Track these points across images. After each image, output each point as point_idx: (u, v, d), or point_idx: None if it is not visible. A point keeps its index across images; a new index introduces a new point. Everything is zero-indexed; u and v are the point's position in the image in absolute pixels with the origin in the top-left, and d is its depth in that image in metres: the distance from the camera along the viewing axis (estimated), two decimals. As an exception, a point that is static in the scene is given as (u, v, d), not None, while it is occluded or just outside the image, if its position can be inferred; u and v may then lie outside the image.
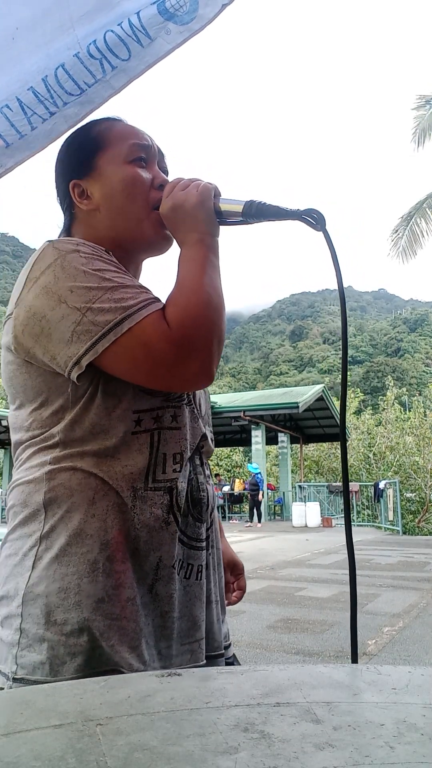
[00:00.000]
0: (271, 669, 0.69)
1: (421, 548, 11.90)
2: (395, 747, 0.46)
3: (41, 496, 0.86)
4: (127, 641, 0.82)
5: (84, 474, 0.85)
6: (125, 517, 0.85)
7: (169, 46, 1.17)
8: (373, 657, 3.94)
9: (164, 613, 0.87)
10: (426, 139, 14.89)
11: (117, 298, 0.82)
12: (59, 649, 0.80)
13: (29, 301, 0.85)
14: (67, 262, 0.84)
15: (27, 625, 0.82)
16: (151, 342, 0.81)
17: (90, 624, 0.80)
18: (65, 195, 1.00)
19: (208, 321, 0.83)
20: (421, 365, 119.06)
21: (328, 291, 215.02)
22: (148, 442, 0.87)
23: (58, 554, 0.83)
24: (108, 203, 0.96)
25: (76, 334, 0.81)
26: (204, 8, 1.17)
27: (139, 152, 0.97)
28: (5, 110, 1.12)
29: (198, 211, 0.89)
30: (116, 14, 1.15)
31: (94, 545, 0.83)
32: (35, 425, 0.89)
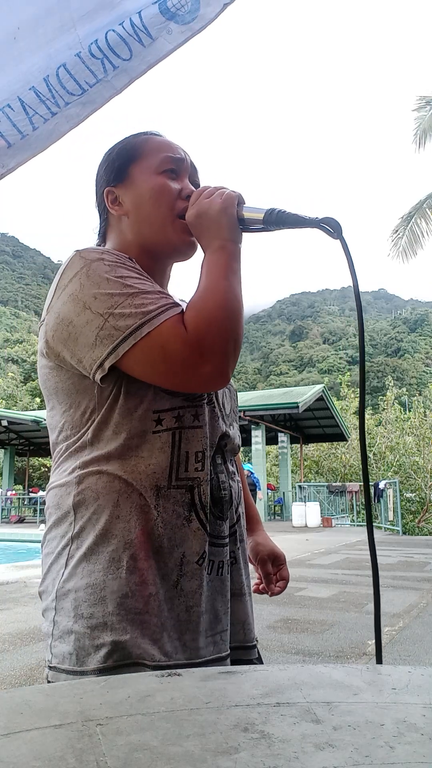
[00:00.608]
0: (271, 669, 0.69)
1: (421, 548, 11.89)
2: (395, 747, 0.46)
3: (71, 499, 0.92)
4: (149, 634, 0.87)
5: (109, 477, 0.90)
6: (148, 516, 0.89)
7: (170, 46, 1.17)
8: (373, 657, 3.94)
9: (189, 607, 0.91)
10: (426, 140, 14.88)
11: (137, 304, 0.86)
12: (85, 641, 0.86)
13: (58, 308, 0.90)
14: (92, 270, 0.89)
15: (59, 617, 0.89)
16: (168, 344, 0.85)
17: (114, 618, 0.86)
18: (101, 201, 1.06)
19: (224, 324, 0.86)
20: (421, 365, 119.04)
21: (328, 291, 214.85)
22: (169, 441, 0.91)
23: (86, 553, 0.89)
24: (136, 210, 1.01)
25: (99, 338, 0.86)
26: (205, 8, 1.17)
27: (170, 164, 1.02)
28: (7, 110, 1.12)
29: (221, 218, 0.93)
30: (118, 14, 1.15)
31: (119, 544, 0.88)
32: (67, 426, 0.95)
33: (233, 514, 1.00)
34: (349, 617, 5.11)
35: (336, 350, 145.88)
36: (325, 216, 0.90)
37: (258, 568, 1.19)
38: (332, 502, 20.58)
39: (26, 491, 27.98)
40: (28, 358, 62.34)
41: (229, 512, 0.98)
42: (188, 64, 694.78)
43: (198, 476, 0.93)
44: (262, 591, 1.19)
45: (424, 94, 14.96)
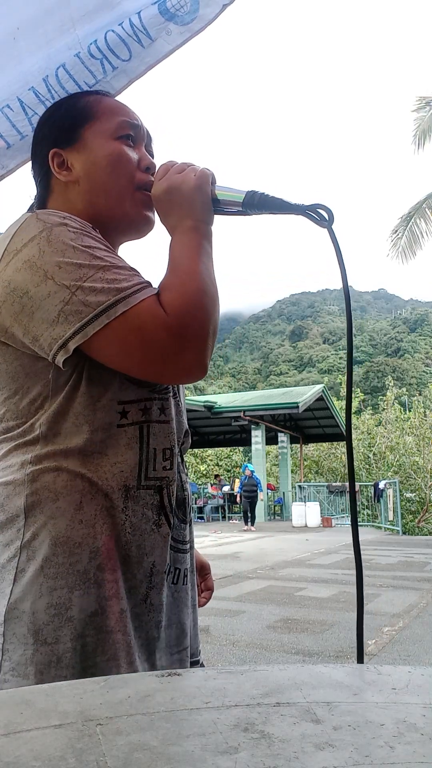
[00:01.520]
0: (271, 669, 0.69)
1: (421, 548, 11.90)
2: (395, 747, 0.46)
3: (21, 500, 0.78)
4: (124, 655, 0.77)
5: (70, 475, 0.78)
6: (115, 521, 0.79)
7: (169, 47, 1.17)
8: (373, 657, 3.94)
9: (158, 623, 0.82)
10: (426, 141, 14.89)
11: (110, 279, 0.75)
12: (50, 671, 0.73)
13: (8, 275, 0.76)
14: (54, 235, 0.77)
15: (11, 646, 0.74)
16: (147, 328, 0.75)
17: (84, 641, 0.75)
18: (43, 164, 0.94)
19: (205, 310, 0.78)
20: (421, 365, 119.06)
21: (328, 291, 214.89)
22: (137, 436, 0.81)
23: (42, 565, 0.76)
24: (90, 177, 0.90)
25: (63, 314, 0.74)
26: (205, 8, 1.17)
27: (127, 130, 0.92)
28: (6, 110, 1.12)
29: (195, 196, 0.84)
30: (117, 14, 1.15)
31: (83, 554, 0.76)
32: (9, 416, 0.81)
33: (190, 516, 0.92)
34: (349, 617, 5.11)
35: (336, 350, 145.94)
36: (314, 203, 0.84)
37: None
38: (332, 502, 20.58)
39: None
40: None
41: (188, 515, 0.91)
42: (187, 64, 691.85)
43: (167, 475, 0.84)
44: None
45: (423, 94, 14.97)
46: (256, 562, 8.81)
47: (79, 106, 0.94)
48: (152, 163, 0.94)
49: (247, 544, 11.85)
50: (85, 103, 0.95)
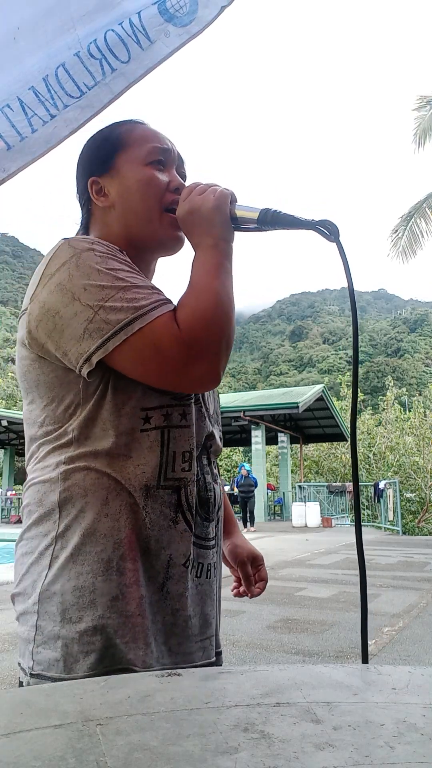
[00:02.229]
0: (271, 669, 0.69)
1: (421, 548, 11.89)
2: (395, 747, 0.46)
3: (56, 496, 0.87)
4: (141, 638, 0.84)
5: (97, 474, 0.86)
6: (136, 516, 0.86)
7: (167, 50, 1.17)
8: (373, 657, 3.94)
9: (175, 610, 0.88)
10: (426, 140, 14.88)
11: (129, 298, 0.83)
12: (73, 646, 0.82)
13: (43, 297, 0.86)
14: (81, 260, 0.85)
15: (43, 622, 0.85)
16: (160, 342, 0.82)
17: (104, 622, 0.83)
18: (84, 191, 1.02)
19: (217, 324, 0.84)
20: (421, 365, 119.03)
21: (328, 291, 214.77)
22: (158, 440, 0.88)
23: (72, 553, 0.85)
24: (123, 202, 0.98)
25: (88, 331, 0.83)
26: (203, 9, 1.17)
27: (157, 155, 0.99)
28: (6, 110, 1.12)
29: (214, 216, 0.91)
30: (117, 14, 1.15)
31: (107, 544, 0.85)
32: (48, 421, 0.90)
33: (217, 516, 0.98)
34: (349, 617, 5.11)
35: (336, 350, 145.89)
36: (322, 218, 0.89)
37: (237, 570, 1.17)
38: (332, 502, 20.57)
39: (26, 491, 27.95)
40: (28, 359, 62.35)
41: (214, 514, 0.97)
42: (187, 64, 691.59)
43: (185, 476, 0.90)
44: (242, 593, 1.17)
45: (424, 93, 14.97)
46: (256, 562, 8.78)
47: (114, 135, 1.01)
48: (181, 184, 1.00)
49: (247, 544, 11.82)
50: (119, 132, 1.01)
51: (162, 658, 0.86)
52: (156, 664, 0.84)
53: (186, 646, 0.89)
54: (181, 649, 0.88)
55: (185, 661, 0.88)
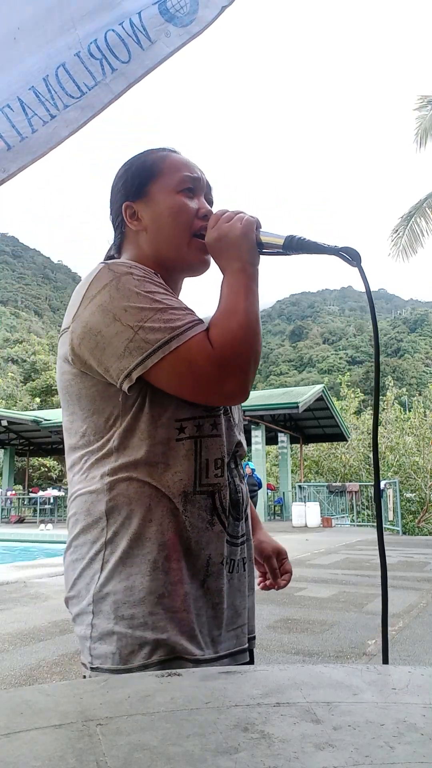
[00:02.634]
0: (271, 669, 0.69)
1: (421, 548, 11.89)
2: (395, 747, 0.46)
3: (103, 505, 0.95)
4: (186, 631, 0.92)
5: (139, 483, 0.94)
6: (178, 520, 0.94)
7: (168, 50, 1.17)
8: (373, 657, 3.94)
9: (215, 605, 0.97)
10: (427, 140, 14.87)
11: (166, 319, 0.91)
12: (127, 640, 0.90)
13: (86, 318, 0.93)
14: (121, 283, 0.92)
15: (98, 620, 0.92)
16: (195, 361, 0.90)
17: (153, 617, 0.91)
18: (118, 214, 1.10)
19: (247, 343, 0.92)
20: (421, 365, 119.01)
21: (328, 291, 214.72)
22: (192, 449, 0.96)
23: (122, 557, 0.92)
24: (155, 226, 1.06)
25: (128, 349, 0.90)
26: (204, 9, 1.17)
27: (188, 183, 1.06)
28: (6, 110, 1.12)
29: (241, 242, 0.98)
30: (118, 14, 1.15)
31: (153, 547, 0.92)
32: (90, 431, 0.98)
33: (245, 514, 1.06)
34: (349, 617, 5.11)
35: (336, 350, 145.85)
36: (345, 246, 0.95)
37: (263, 564, 1.25)
38: (332, 502, 20.58)
39: (26, 491, 27.97)
40: (28, 358, 62.28)
41: (243, 513, 1.04)
42: (187, 64, 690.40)
43: (218, 482, 0.98)
44: (269, 586, 1.25)
45: (425, 93, 14.96)
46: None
47: (148, 164, 1.08)
48: (209, 211, 1.08)
49: (247, 544, 11.82)
50: (153, 160, 1.09)
51: (207, 648, 0.94)
52: (203, 653, 0.93)
53: (224, 635, 0.98)
54: (220, 639, 0.97)
55: (224, 648, 0.98)
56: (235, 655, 0.99)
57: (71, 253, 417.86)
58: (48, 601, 5.95)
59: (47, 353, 67.42)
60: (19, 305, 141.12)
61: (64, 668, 3.67)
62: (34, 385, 51.34)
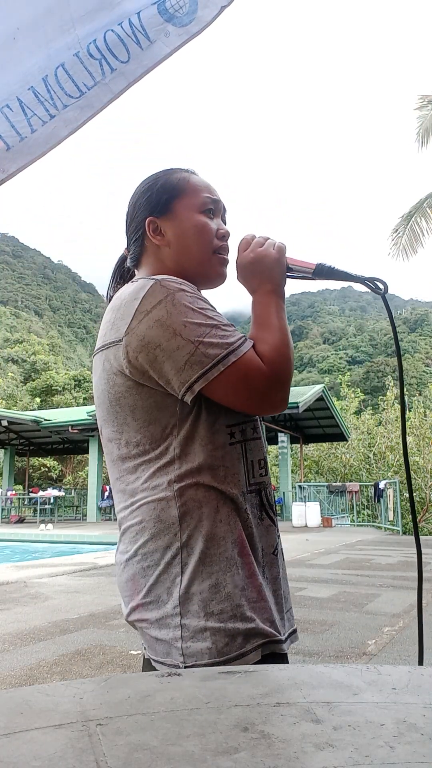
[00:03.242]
0: (271, 669, 0.69)
1: (421, 548, 11.87)
2: (395, 747, 0.46)
3: (175, 511, 0.99)
4: (267, 617, 0.99)
5: (205, 487, 0.99)
6: (242, 517, 1.01)
7: (167, 50, 1.17)
8: (373, 657, 3.94)
9: (275, 590, 1.04)
10: (428, 139, 14.86)
11: (222, 335, 0.98)
12: (221, 634, 0.95)
13: (142, 331, 0.98)
14: (176, 299, 0.98)
15: (187, 620, 0.96)
16: (250, 375, 0.97)
17: (241, 610, 0.97)
18: (139, 227, 1.15)
19: (289, 359, 1.01)
20: (421, 365, 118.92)
21: (328, 291, 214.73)
22: (241, 451, 1.03)
23: (201, 557, 0.97)
24: (179, 242, 1.12)
25: (190, 363, 0.96)
26: (203, 9, 1.17)
27: (209, 205, 1.14)
28: (5, 110, 1.12)
29: (274, 267, 1.07)
30: (117, 14, 1.15)
31: (227, 545, 0.98)
32: (146, 441, 1.02)
33: (275, 505, 1.13)
34: (349, 617, 5.11)
35: (336, 350, 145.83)
36: (373, 276, 1.05)
37: None
38: (332, 502, 20.57)
39: (26, 491, 27.96)
40: (28, 358, 62.27)
41: (275, 506, 1.12)
42: (187, 63, 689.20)
43: (263, 480, 1.07)
44: None
45: (426, 93, 14.95)
46: (256, 562, 8.77)
47: (173, 183, 1.14)
48: (227, 231, 1.16)
49: (247, 544, 11.81)
50: (177, 180, 1.15)
51: (282, 628, 1.02)
52: (281, 635, 1.00)
53: (285, 618, 1.05)
54: (283, 622, 1.04)
55: (287, 630, 1.05)
56: (292, 635, 1.07)
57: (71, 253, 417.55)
58: (48, 601, 5.95)
59: (47, 353, 67.39)
60: (19, 305, 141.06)
61: (64, 668, 3.67)
62: (34, 385, 51.32)
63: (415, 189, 24.55)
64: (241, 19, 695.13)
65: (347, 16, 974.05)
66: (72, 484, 35.27)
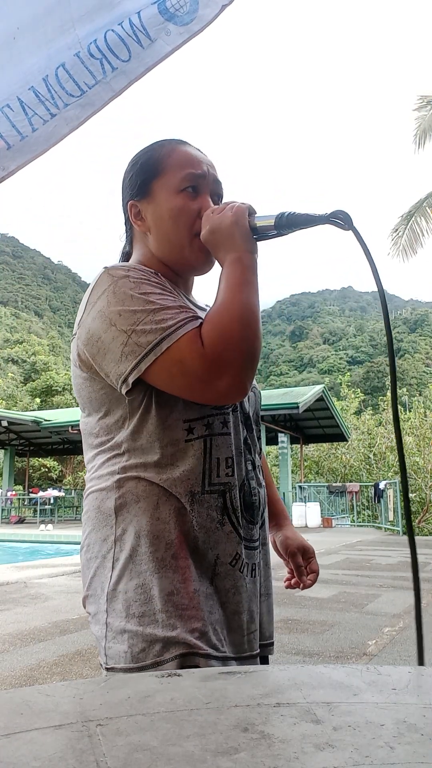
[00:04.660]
0: (271, 669, 0.69)
1: (421, 548, 11.85)
2: (395, 747, 0.46)
3: (112, 503, 0.95)
4: (197, 628, 0.90)
5: (148, 483, 0.94)
6: (184, 519, 0.93)
7: (168, 48, 1.17)
8: (373, 657, 3.94)
9: (223, 604, 0.95)
10: (427, 140, 14.88)
11: (158, 320, 0.89)
12: (138, 638, 0.89)
13: (88, 324, 0.94)
14: (117, 287, 0.92)
15: (111, 619, 0.92)
16: (185, 359, 0.87)
17: (163, 615, 0.90)
18: (125, 212, 1.09)
19: (241, 339, 0.87)
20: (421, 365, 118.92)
21: (328, 291, 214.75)
22: (201, 449, 0.95)
23: (131, 554, 0.92)
24: (157, 228, 1.04)
25: (124, 354, 0.90)
26: (204, 9, 1.18)
27: (191, 182, 1.02)
28: (6, 110, 1.12)
29: (233, 231, 0.95)
30: (117, 14, 1.15)
31: (160, 545, 0.92)
32: (102, 432, 0.98)
33: (261, 519, 1.04)
34: (349, 617, 5.11)
35: (336, 350, 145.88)
36: (334, 210, 0.91)
37: (288, 561, 1.22)
38: (332, 503, 20.57)
39: (26, 492, 27.97)
40: (28, 359, 62.25)
41: (259, 518, 1.03)
42: (188, 63, 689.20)
43: (229, 481, 0.96)
44: (294, 585, 1.22)
45: (424, 93, 14.96)
46: (256, 563, 8.77)
47: (152, 160, 1.05)
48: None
49: (247, 545, 11.81)
50: (158, 156, 1.05)
51: (222, 647, 0.93)
52: (216, 652, 0.91)
53: (235, 638, 0.96)
54: (232, 640, 0.95)
55: (236, 651, 0.95)
56: (245, 660, 0.96)
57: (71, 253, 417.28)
58: (48, 601, 5.95)
59: (47, 354, 67.38)
60: (19, 306, 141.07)
61: (64, 668, 3.67)
62: (34, 386, 51.33)
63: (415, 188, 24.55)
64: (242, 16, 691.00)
65: (348, 14, 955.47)
66: (72, 484, 35.26)
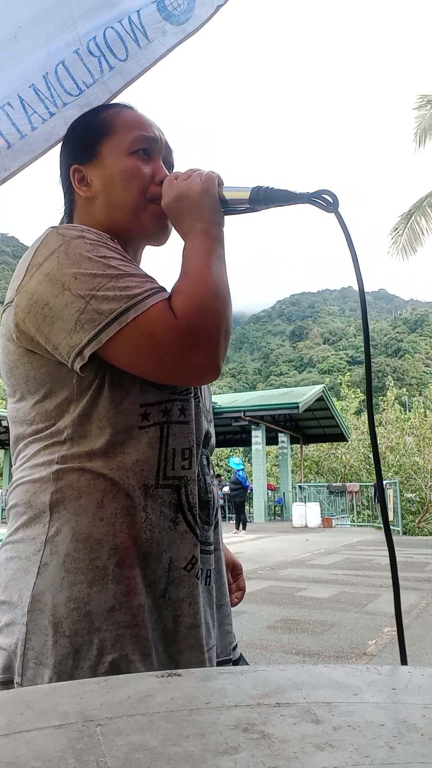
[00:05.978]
0: (271, 669, 0.69)
1: (421, 548, 11.89)
2: (395, 747, 0.46)
3: (47, 497, 0.82)
4: (140, 649, 0.79)
5: (93, 475, 0.81)
6: (134, 519, 0.81)
7: (164, 48, 1.18)
8: (373, 657, 3.94)
9: (176, 617, 0.84)
10: (427, 139, 14.88)
11: (122, 287, 0.78)
12: (68, 662, 0.76)
13: (32, 288, 0.81)
14: (71, 248, 0.81)
15: (33, 636, 0.78)
16: (157, 332, 0.77)
17: (101, 635, 0.77)
18: (66, 178, 0.98)
19: (216, 311, 0.80)
20: (421, 365, 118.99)
21: (328, 291, 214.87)
22: (157, 436, 0.84)
23: (64, 560, 0.79)
24: (106, 193, 0.93)
25: (79, 322, 0.77)
26: (200, 8, 1.18)
27: (142, 144, 0.94)
28: (7, 108, 1.12)
29: (202, 200, 0.86)
30: (117, 12, 1.15)
31: (102, 551, 0.79)
32: (39, 418, 0.85)
33: (216, 519, 0.94)
34: (349, 617, 5.11)
35: (336, 350, 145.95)
36: (319, 189, 0.84)
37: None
38: (332, 503, 20.58)
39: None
40: (28, 359, 62.25)
41: (213, 518, 0.93)
42: (187, 63, 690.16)
43: (185, 475, 0.86)
44: None
45: (424, 92, 14.97)
46: (256, 563, 8.80)
47: (98, 121, 0.96)
48: (167, 175, 0.95)
49: (247, 545, 11.85)
50: (103, 117, 0.96)
51: (161, 668, 0.80)
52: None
53: (187, 655, 0.83)
54: (182, 658, 0.83)
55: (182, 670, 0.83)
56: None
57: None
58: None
59: (47, 353, 67.20)
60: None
61: (64, 668, 3.67)
62: (34, 386, 51.27)
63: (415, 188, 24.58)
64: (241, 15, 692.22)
65: (348, 14, 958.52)
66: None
